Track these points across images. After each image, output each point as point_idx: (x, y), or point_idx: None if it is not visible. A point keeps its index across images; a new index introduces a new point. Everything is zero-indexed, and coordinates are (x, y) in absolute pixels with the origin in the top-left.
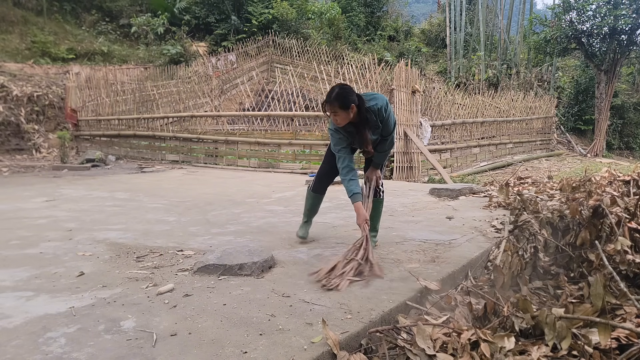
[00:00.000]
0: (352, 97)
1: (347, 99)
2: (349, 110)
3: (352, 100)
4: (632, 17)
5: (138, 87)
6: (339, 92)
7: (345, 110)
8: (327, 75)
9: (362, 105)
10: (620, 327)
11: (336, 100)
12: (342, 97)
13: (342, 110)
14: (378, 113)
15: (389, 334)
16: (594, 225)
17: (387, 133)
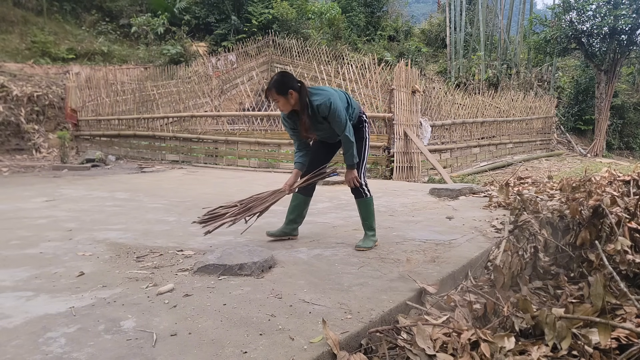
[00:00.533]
0: (291, 83)
1: (284, 84)
2: (288, 97)
3: (291, 87)
4: (632, 17)
5: (138, 87)
6: (277, 79)
7: (283, 95)
8: (327, 75)
9: (304, 93)
10: (620, 327)
11: (273, 86)
12: (279, 83)
13: (280, 96)
14: (318, 109)
15: (389, 334)
16: (594, 225)
17: (339, 132)
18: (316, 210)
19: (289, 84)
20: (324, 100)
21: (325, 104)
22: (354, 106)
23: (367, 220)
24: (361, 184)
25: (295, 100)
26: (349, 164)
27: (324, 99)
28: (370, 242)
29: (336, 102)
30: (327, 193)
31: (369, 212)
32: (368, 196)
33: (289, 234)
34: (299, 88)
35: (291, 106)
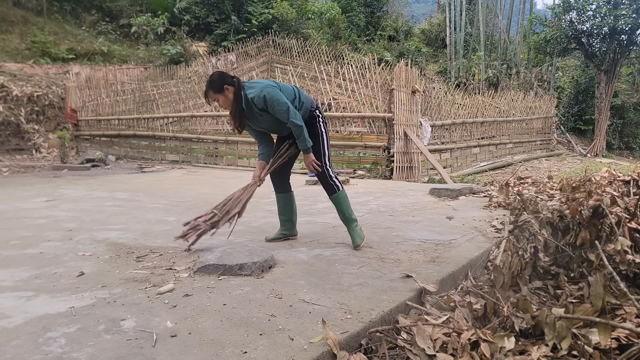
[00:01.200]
0: (226, 80)
1: (218, 82)
2: (225, 92)
3: (225, 82)
4: (632, 17)
5: (138, 87)
6: (210, 79)
7: (220, 93)
8: (327, 75)
9: (239, 87)
10: (620, 327)
11: (210, 87)
12: (213, 82)
13: (219, 95)
14: (253, 102)
15: (389, 334)
16: (594, 225)
17: (284, 120)
18: (316, 210)
19: (223, 81)
20: (256, 92)
21: (258, 95)
22: (304, 100)
23: (345, 212)
24: (330, 175)
25: (233, 94)
26: (303, 148)
27: (257, 90)
28: (357, 233)
29: (271, 91)
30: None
31: (344, 204)
32: (340, 189)
33: (288, 235)
34: (234, 83)
35: (231, 101)
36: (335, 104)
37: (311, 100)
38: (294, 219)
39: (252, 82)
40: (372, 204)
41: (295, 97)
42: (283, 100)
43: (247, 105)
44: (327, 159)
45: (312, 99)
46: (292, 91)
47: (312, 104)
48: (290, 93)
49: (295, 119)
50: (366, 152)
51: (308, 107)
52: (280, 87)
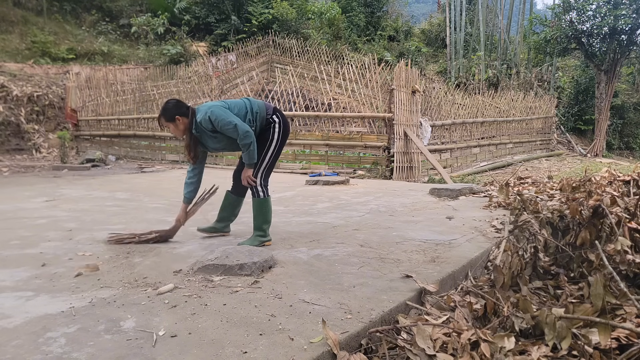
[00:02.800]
0: (178, 110)
1: (170, 111)
2: (176, 122)
3: (177, 113)
4: (632, 17)
5: (138, 87)
6: (165, 107)
7: (171, 122)
8: (327, 75)
9: (192, 117)
10: (620, 327)
11: (162, 115)
12: (165, 111)
13: (169, 123)
14: (202, 125)
15: (389, 334)
16: (594, 225)
17: (234, 137)
18: (316, 210)
19: (175, 111)
20: (202, 115)
21: (204, 118)
22: (257, 110)
23: (256, 219)
24: (256, 183)
25: (185, 125)
26: (246, 162)
27: (202, 114)
28: (255, 242)
29: (215, 112)
30: (327, 193)
31: (260, 211)
32: (262, 196)
33: (220, 230)
34: (187, 113)
35: (182, 132)
36: (335, 104)
37: (266, 107)
38: (232, 219)
39: (201, 105)
40: (372, 204)
41: (247, 109)
42: (229, 119)
43: (198, 130)
44: (265, 166)
45: (267, 105)
46: (242, 105)
47: (269, 109)
48: (242, 107)
49: (244, 137)
50: (366, 152)
51: (264, 116)
52: (229, 105)
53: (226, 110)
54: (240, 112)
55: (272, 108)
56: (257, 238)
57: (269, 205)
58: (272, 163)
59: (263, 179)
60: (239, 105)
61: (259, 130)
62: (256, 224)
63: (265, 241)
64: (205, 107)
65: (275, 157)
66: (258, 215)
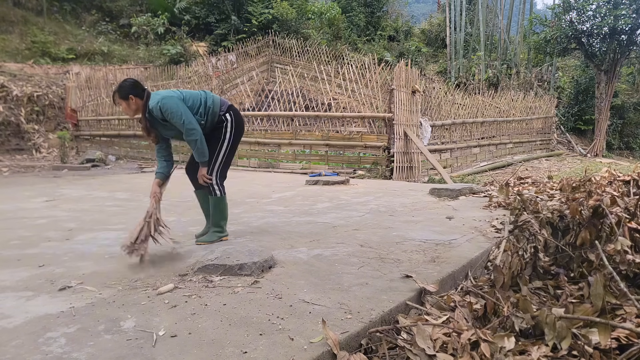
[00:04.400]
0: (134, 90)
1: (125, 90)
2: (129, 101)
3: (132, 92)
4: (632, 17)
5: None
6: (121, 84)
7: (125, 100)
8: (327, 75)
9: (146, 100)
10: (620, 327)
11: (117, 91)
12: (121, 88)
13: (122, 100)
14: (153, 112)
15: (389, 334)
16: (594, 225)
17: (182, 130)
18: (316, 210)
19: (130, 90)
20: (154, 103)
21: (155, 107)
22: (211, 105)
23: (214, 216)
24: (212, 182)
25: (137, 106)
26: (198, 161)
27: (154, 102)
28: (213, 237)
29: (167, 103)
30: (327, 193)
31: (216, 209)
32: (218, 195)
33: None
34: (142, 95)
35: (133, 111)
36: (335, 104)
37: (222, 103)
38: None
39: (156, 93)
40: (372, 204)
41: (201, 103)
42: (179, 113)
43: (150, 115)
44: (219, 165)
45: (222, 102)
46: (198, 97)
47: (223, 106)
48: (196, 99)
49: (189, 133)
50: (366, 152)
51: (217, 112)
52: (184, 95)
53: (178, 103)
54: (195, 104)
55: (227, 105)
56: (214, 234)
57: (225, 203)
58: (227, 161)
59: (219, 177)
60: (194, 97)
61: (209, 125)
62: (214, 221)
63: (223, 236)
64: (159, 96)
65: (229, 155)
66: (215, 212)
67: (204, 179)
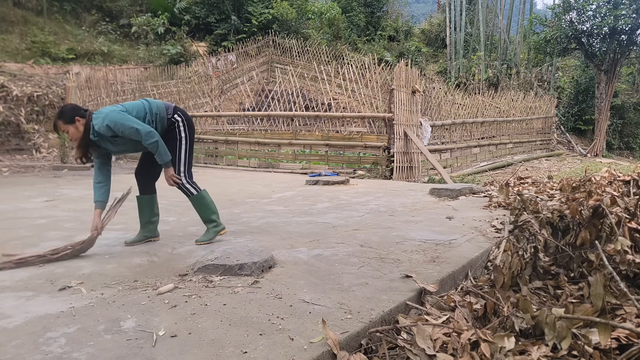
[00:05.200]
0: (77, 112)
1: (68, 113)
2: (76, 124)
3: (77, 114)
4: (632, 17)
5: (138, 87)
6: (61, 110)
7: (71, 124)
8: (327, 75)
9: (89, 119)
10: (620, 327)
11: (59, 118)
12: (63, 114)
13: (69, 125)
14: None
15: (389, 334)
16: (594, 225)
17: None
18: (316, 210)
19: (73, 113)
20: (99, 122)
21: (101, 124)
22: (157, 111)
23: (203, 214)
24: (182, 183)
25: (83, 126)
26: (161, 163)
27: (100, 120)
28: (211, 234)
29: (113, 118)
30: (327, 193)
31: (201, 207)
32: (195, 193)
33: (150, 237)
34: (85, 115)
35: (82, 133)
36: (335, 104)
37: (166, 107)
38: (153, 219)
39: (98, 112)
40: (372, 204)
41: (146, 111)
42: (129, 123)
43: (97, 135)
44: (184, 165)
45: (167, 105)
46: (141, 107)
47: (169, 110)
48: (140, 109)
49: (148, 137)
50: (366, 152)
51: (164, 116)
52: (127, 108)
53: (124, 115)
54: (140, 115)
55: (172, 107)
56: (211, 230)
57: (208, 197)
58: (189, 159)
59: (187, 177)
60: (137, 108)
61: (160, 130)
62: (204, 218)
63: (220, 230)
64: (102, 115)
65: (189, 153)
66: (201, 210)
67: (174, 179)
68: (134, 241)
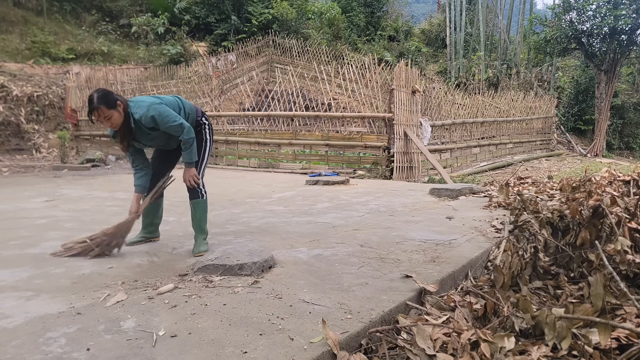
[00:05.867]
0: (116, 96)
1: (110, 97)
2: (118, 108)
3: (116, 99)
4: (632, 17)
5: (138, 87)
6: (99, 95)
7: (114, 108)
8: (327, 75)
9: (126, 105)
10: (620, 327)
11: (101, 102)
12: (105, 98)
13: (112, 111)
14: (141, 122)
15: (389, 334)
16: (594, 225)
17: (176, 133)
18: (316, 210)
19: (113, 97)
20: (142, 111)
21: (146, 115)
22: (189, 111)
23: (201, 222)
24: (200, 184)
25: (124, 112)
26: (188, 161)
27: (143, 110)
28: (205, 246)
29: (158, 109)
30: (327, 193)
31: (204, 213)
32: (204, 197)
33: (150, 237)
34: (123, 99)
35: (122, 119)
36: (335, 104)
37: (196, 109)
38: (156, 222)
39: (136, 100)
40: (372, 204)
41: (181, 109)
42: (172, 117)
43: (135, 124)
44: (203, 168)
45: (196, 107)
46: (175, 103)
47: (198, 112)
48: (175, 106)
49: (188, 133)
50: (366, 152)
51: (194, 117)
52: (164, 101)
53: (167, 108)
54: (175, 111)
55: (200, 110)
56: (204, 243)
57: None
58: (207, 162)
59: (202, 179)
60: (172, 104)
61: None
62: (202, 226)
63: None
64: (146, 104)
65: (209, 157)
66: (202, 217)
67: (194, 180)
68: (134, 241)
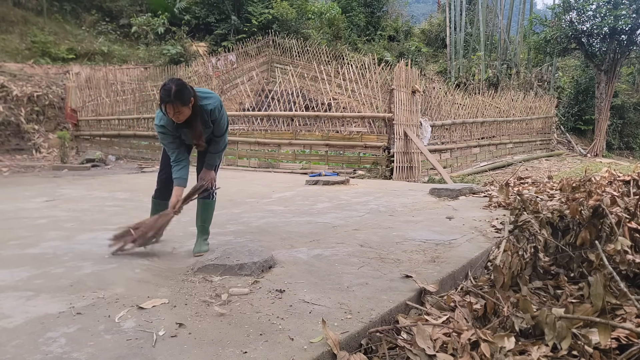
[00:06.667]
0: (189, 91)
1: (185, 95)
2: (190, 105)
3: (190, 95)
4: (632, 17)
5: (138, 87)
6: (177, 89)
7: (187, 106)
8: (327, 75)
9: (196, 99)
10: (620, 327)
11: (177, 98)
12: (181, 95)
13: (185, 107)
14: (211, 113)
15: (389, 334)
16: (594, 225)
17: (220, 134)
18: (316, 210)
19: (188, 93)
20: (215, 103)
21: (217, 107)
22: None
23: (205, 222)
24: (214, 185)
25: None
26: (212, 164)
27: (215, 102)
28: (206, 246)
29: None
30: (327, 193)
31: (210, 213)
32: (214, 198)
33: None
34: (195, 94)
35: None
36: (335, 104)
37: None
38: None
39: (202, 91)
40: (372, 204)
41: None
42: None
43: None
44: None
45: None
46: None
47: None
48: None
49: (226, 137)
50: (366, 152)
51: None
52: None
53: None
54: None
55: None
56: (206, 243)
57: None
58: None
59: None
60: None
61: None
62: (205, 227)
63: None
64: (216, 96)
65: None
66: (209, 217)
67: (212, 182)
68: None
